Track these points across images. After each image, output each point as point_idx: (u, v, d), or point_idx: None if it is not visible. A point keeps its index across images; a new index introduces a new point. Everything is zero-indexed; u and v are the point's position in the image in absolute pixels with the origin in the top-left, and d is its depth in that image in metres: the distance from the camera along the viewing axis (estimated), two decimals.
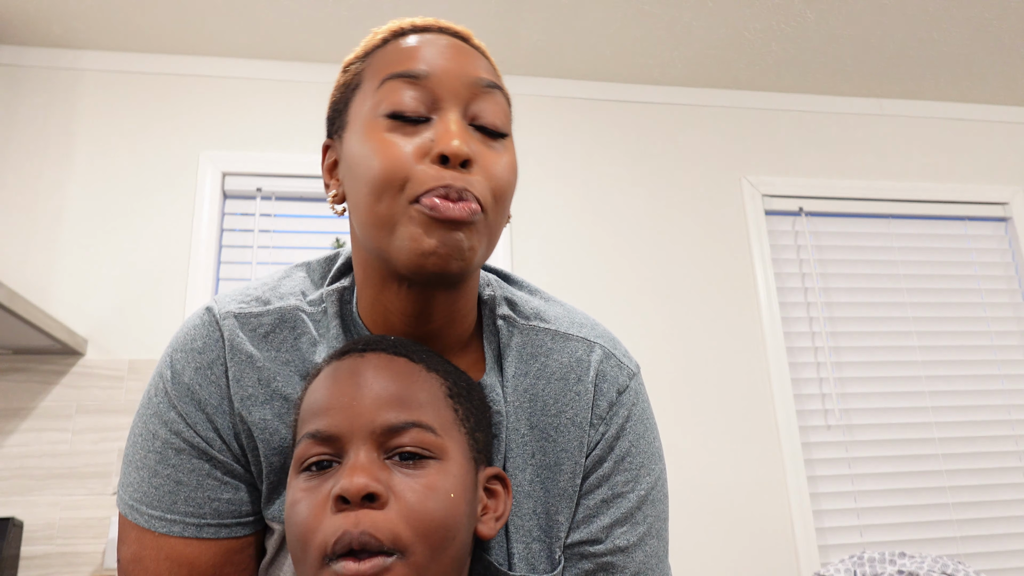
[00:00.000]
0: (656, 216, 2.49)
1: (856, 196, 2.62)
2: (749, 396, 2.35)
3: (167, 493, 0.63)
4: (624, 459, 0.68)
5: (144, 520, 0.63)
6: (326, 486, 0.54)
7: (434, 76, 0.61)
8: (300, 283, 0.70)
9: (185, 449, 0.63)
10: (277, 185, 2.28)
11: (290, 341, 0.66)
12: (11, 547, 1.81)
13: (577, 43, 2.38)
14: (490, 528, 0.60)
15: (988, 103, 2.83)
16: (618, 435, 0.68)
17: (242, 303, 0.67)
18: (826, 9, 2.26)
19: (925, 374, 2.52)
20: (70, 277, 2.10)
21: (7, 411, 1.97)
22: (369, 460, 0.54)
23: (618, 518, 0.66)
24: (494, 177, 0.60)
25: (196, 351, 0.65)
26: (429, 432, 0.55)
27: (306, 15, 2.19)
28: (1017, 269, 2.70)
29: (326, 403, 0.56)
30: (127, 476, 0.65)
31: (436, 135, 0.59)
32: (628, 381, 0.70)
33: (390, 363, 0.58)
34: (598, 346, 0.70)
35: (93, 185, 2.19)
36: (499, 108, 0.63)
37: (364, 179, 0.60)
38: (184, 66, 2.33)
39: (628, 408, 0.69)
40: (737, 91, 2.67)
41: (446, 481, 0.55)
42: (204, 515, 0.63)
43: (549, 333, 0.70)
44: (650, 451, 0.70)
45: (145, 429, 0.65)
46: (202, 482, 0.63)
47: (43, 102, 2.24)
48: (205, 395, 0.64)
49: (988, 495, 2.43)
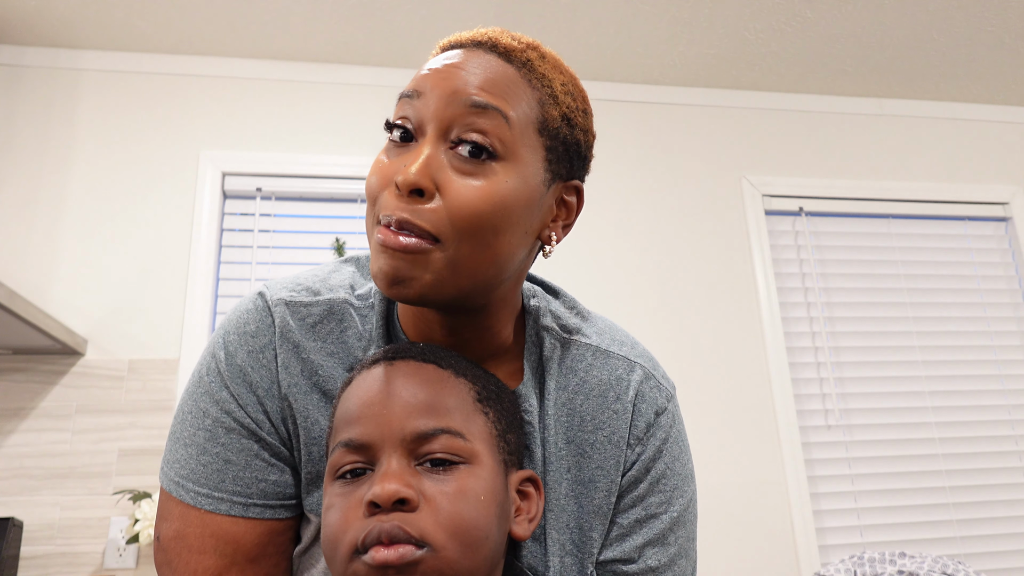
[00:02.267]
0: (656, 216, 2.49)
1: (856, 196, 2.62)
2: (749, 396, 2.35)
3: (215, 471, 0.64)
4: (660, 480, 0.68)
5: (190, 497, 0.63)
6: (359, 492, 0.55)
7: (424, 96, 0.60)
8: (349, 277, 0.71)
9: (235, 429, 0.64)
10: (277, 185, 2.28)
11: (336, 333, 0.67)
12: (11, 547, 1.81)
13: (577, 43, 2.38)
14: (524, 529, 0.61)
15: (988, 103, 2.83)
16: (655, 457, 0.68)
17: (293, 291, 0.68)
18: (826, 9, 2.26)
19: (925, 374, 2.52)
20: (70, 277, 2.10)
21: (7, 411, 1.97)
22: (400, 467, 0.55)
23: (651, 539, 0.67)
24: (455, 207, 0.57)
25: (249, 334, 0.66)
26: (458, 438, 0.56)
27: (306, 15, 2.19)
28: (1017, 269, 2.70)
29: (358, 412, 0.57)
30: (173, 453, 0.66)
31: (406, 159, 0.60)
32: (666, 403, 0.71)
33: (418, 370, 0.59)
34: (639, 366, 0.71)
35: (93, 185, 2.19)
36: (490, 127, 0.59)
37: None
38: (184, 66, 2.33)
39: (666, 430, 0.70)
40: (737, 91, 2.67)
41: (476, 484, 0.56)
42: (251, 495, 0.64)
43: (590, 349, 0.71)
44: (684, 473, 0.71)
45: (196, 407, 0.66)
46: (250, 462, 0.64)
47: (43, 102, 2.24)
48: (257, 377, 0.65)
49: (988, 495, 2.43)
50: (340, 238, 2.26)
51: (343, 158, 2.32)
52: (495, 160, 0.59)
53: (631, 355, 0.71)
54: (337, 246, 2.23)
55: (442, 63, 0.62)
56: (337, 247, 2.23)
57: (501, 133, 0.59)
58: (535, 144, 0.61)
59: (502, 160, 0.59)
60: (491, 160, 0.59)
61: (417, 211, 0.57)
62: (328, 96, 2.39)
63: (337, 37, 2.30)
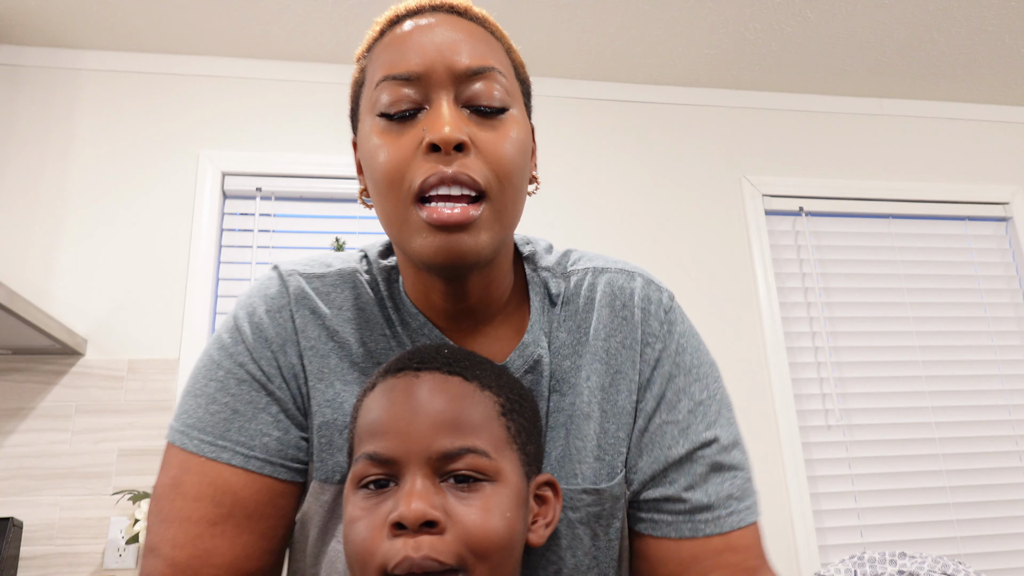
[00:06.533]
0: (656, 216, 2.49)
1: (856, 196, 2.62)
2: (749, 396, 2.35)
3: (222, 420, 0.64)
4: (692, 370, 0.71)
5: (193, 444, 0.64)
6: (383, 508, 0.55)
7: (422, 74, 0.61)
8: (356, 254, 0.74)
9: (247, 380, 0.65)
10: (277, 185, 2.28)
11: (351, 300, 0.70)
12: (11, 547, 1.81)
13: (577, 43, 2.38)
14: (539, 536, 0.61)
15: (988, 103, 2.83)
16: (679, 350, 0.72)
17: (306, 265, 0.71)
18: (826, 9, 2.26)
19: (925, 374, 2.52)
20: (70, 277, 2.10)
21: (7, 411, 1.97)
22: (424, 487, 0.55)
23: (709, 422, 0.70)
24: (494, 158, 0.61)
25: (270, 296, 0.69)
26: (483, 457, 0.57)
27: (306, 15, 2.19)
28: (1017, 269, 2.70)
29: (383, 425, 0.57)
30: (183, 406, 0.66)
31: (427, 125, 0.60)
32: (671, 302, 0.74)
33: (444, 383, 0.59)
34: (637, 275, 0.74)
35: (93, 185, 2.19)
36: (494, 86, 0.63)
37: (373, 179, 0.63)
38: (184, 66, 2.33)
39: (680, 324, 0.73)
40: (737, 91, 2.67)
41: (501, 502, 0.56)
42: (254, 447, 0.64)
43: (589, 271, 0.74)
44: (709, 360, 0.74)
45: (210, 360, 0.67)
46: (257, 415, 0.65)
47: (43, 102, 2.24)
48: (273, 333, 0.67)
49: (988, 495, 2.43)
50: (340, 238, 2.26)
51: (343, 158, 2.32)
52: (504, 111, 0.63)
53: (627, 267, 0.75)
54: (337, 246, 2.23)
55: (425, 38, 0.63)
56: (337, 247, 2.23)
57: (503, 86, 0.63)
58: (517, 90, 0.67)
59: (508, 110, 0.63)
60: (503, 112, 0.63)
61: (466, 164, 0.59)
62: (328, 96, 2.39)
63: (337, 37, 2.30)
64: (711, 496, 0.66)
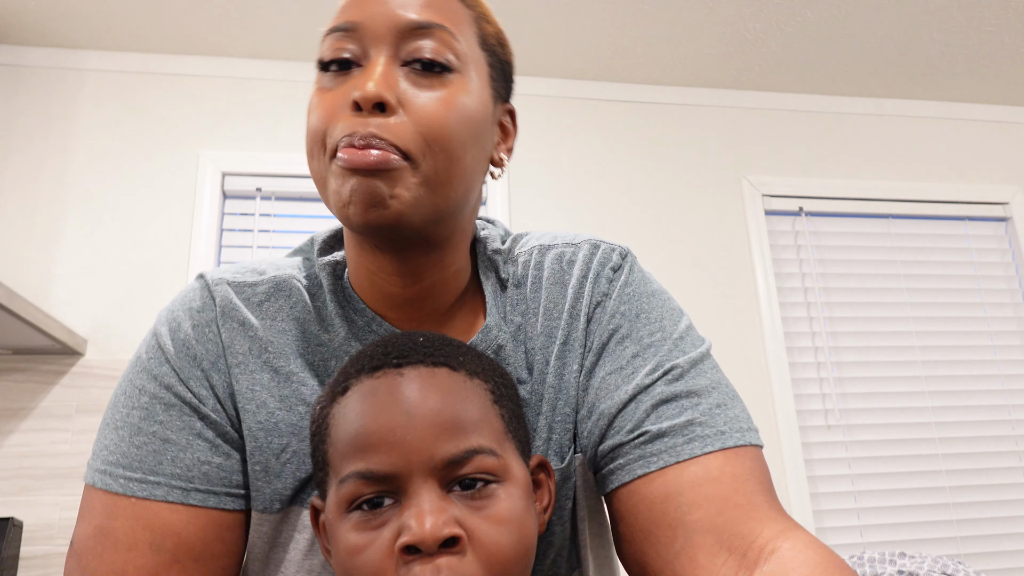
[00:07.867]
0: (656, 216, 2.49)
1: (856, 196, 2.62)
2: (749, 396, 2.35)
3: (151, 452, 0.57)
4: (640, 315, 0.66)
5: (119, 485, 0.56)
6: (386, 531, 0.49)
7: (362, 24, 0.57)
8: (295, 260, 0.69)
9: (176, 404, 0.58)
10: (277, 185, 2.28)
11: (286, 310, 0.64)
12: (11, 547, 1.81)
13: (577, 43, 2.38)
14: (541, 524, 0.58)
15: (988, 103, 2.83)
16: (625, 299, 0.67)
17: (236, 273, 0.65)
18: (826, 9, 2.26)
19: (925, 374, 2.52)
20: (70, 277, 2.10)
21: (7, 411, 1.97)
22: (434, 501, 0.49)
23: (659, 361, 0.63)
24: (424, 119, 0.55)
25: (195, 310, 0.63)
26: (490, 456, 0.51)
27: (306, 15, 2.19)
28: (1017, 269, 2.70)
29: (373, 437, 0.50)
30: (101, 441, 0.59)
31: (356, 82, 0.56)
32: (620, 260, 0.70)
33: (432, 378, 0.53)
34: (582, 243, 0.71)
35: (93, 185, 2.19)
36: (438, 43, 0.57)
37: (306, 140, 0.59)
38: (184, 66, 2.33)
39: (629, 275, 0.69)
40: (737, 91, 2.67)
41: (516, 506, 0.52)
42: (192, 478, 0.57)
43: (535, 249, 0.70)
44: (669, 306, 0.68)
45: (131, 386, 0.60)
46: (192, 442, 0.58)
47: (43, 102, 2.24)
48: (202, 351, 0.60)
49: (988, 495, 2.43)
50: None
51: None
52: (450, 72, 0.58)
53: (572, 240, 0.71)
54: None
55: None
56: None
57: (451, 46, 0.58)
58: (480, 60, 0.61)
59: (456, 72, 0.58)
60: (446, 72, 0.57)
61: (384, 125, 0.54)
62: None
63: None
64: (663, 424, 0.58)
